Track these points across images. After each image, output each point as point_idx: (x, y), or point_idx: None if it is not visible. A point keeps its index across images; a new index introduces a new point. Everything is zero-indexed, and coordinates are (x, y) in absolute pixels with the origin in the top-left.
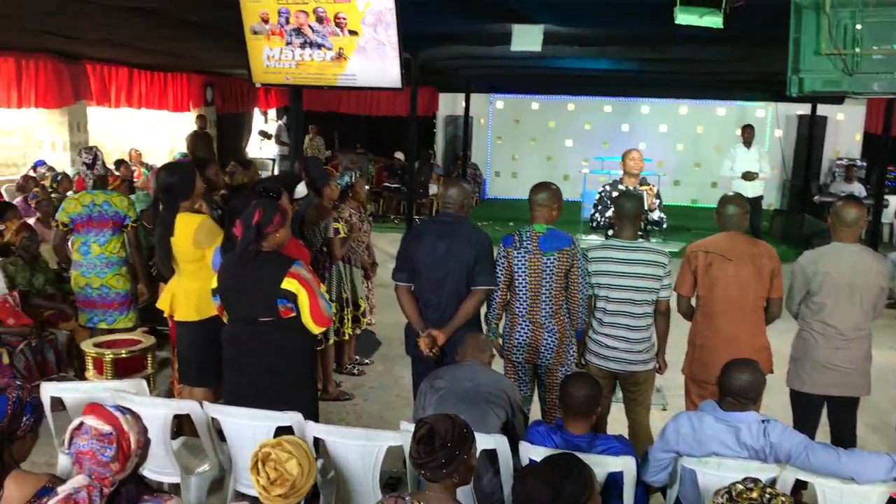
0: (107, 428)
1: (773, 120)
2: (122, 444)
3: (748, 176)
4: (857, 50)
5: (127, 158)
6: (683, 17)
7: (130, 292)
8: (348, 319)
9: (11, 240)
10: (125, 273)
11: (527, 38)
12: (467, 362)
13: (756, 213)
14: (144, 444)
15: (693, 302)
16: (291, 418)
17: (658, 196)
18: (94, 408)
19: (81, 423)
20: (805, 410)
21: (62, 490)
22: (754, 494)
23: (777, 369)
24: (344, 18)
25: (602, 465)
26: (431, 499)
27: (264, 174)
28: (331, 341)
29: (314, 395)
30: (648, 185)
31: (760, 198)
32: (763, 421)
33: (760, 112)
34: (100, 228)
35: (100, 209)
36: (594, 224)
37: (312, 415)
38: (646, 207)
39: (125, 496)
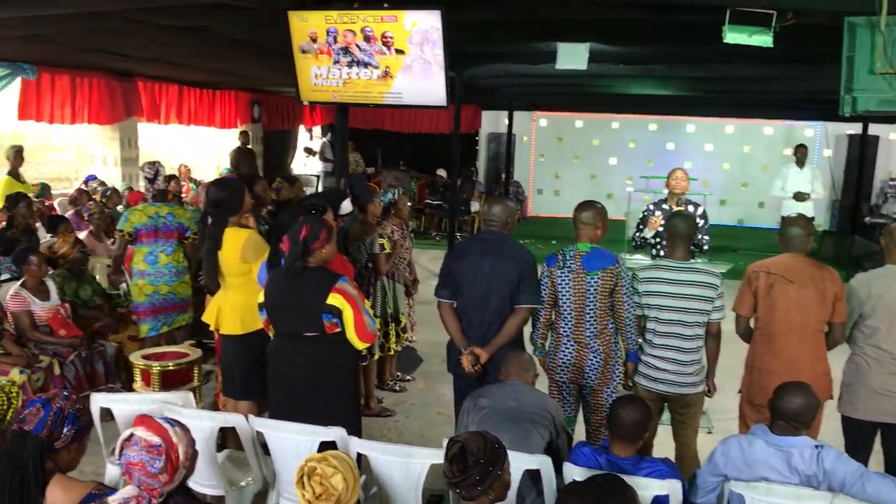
0: (156, 440)
1: (823, 139)
2: (171, 455)
3: (799, 196)
4: None
5: (176, 174)
6: (732, 37)
7: (190, 296)
8: (392, 335)
9: (67, 252)
10: (188, 280)
11: (572, 57)
12: (511, 381)
13: None
14: (192, 456)
15: (752, 324)
16: (335, 433)
17: (704, 216)
18: (145, 420)
19: (132, 435)
20: (858, 437)
21: (112, 499)
22: None
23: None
24: (391, 37)
25: (647, 487)
26: None
27: (309, 191)
28: (375, 357)
29: (357, 410)
30: (683, 206)
31: (812, 219)
32: (817, 447)
33: (809, 131)
34: (166, 239)
35: (164, 221)
36: (636, 243)
37: (356, 430)
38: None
39: None
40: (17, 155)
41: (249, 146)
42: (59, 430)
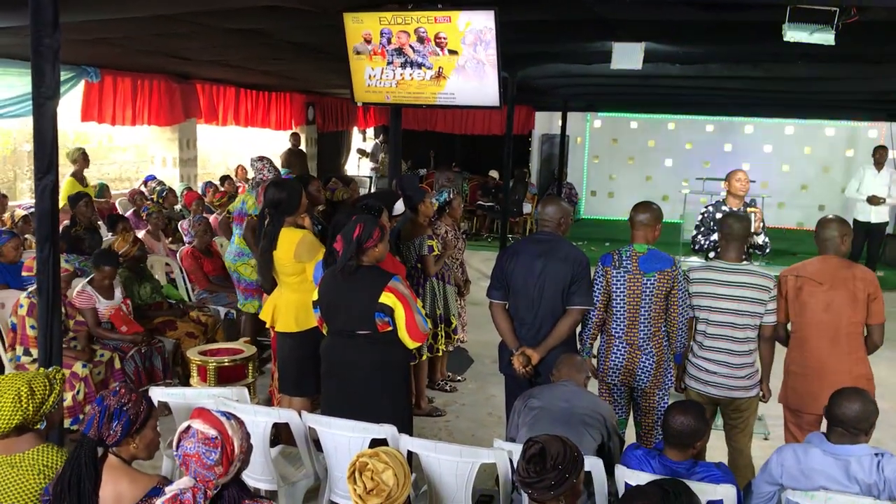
0: (212, 432)
1: (888, 140)
2: (226, 448)
3: (874, 200)
4: None
5: (233, 174)
6: (793, 35)
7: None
8: (441, 336)
9: (128, 251)
10: (253, 264)
11: (627, 57)
12: (563, 382)
13: (876, 240)
14: (247, 449)
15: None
16: (386, 431)
17: (762, 219)
18: (202, 412)
19: (189, 427)
20: None
21: (169, 490)
22: None
23: (887, 402)
24: (444, 38)
25: (701, 492)
26: None
27: (362, 192)
28: (424, 357)
29: (409, 409)
30: (755, 207)
31: (885, 224)
32: (877, 454)
33: (873, 132)
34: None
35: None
36: (696, 247)
37: (407, 429)
38: (752, 230)
39: (227, 499)
40: (83, 157)
41: (301, 148)
42: (106, 426)
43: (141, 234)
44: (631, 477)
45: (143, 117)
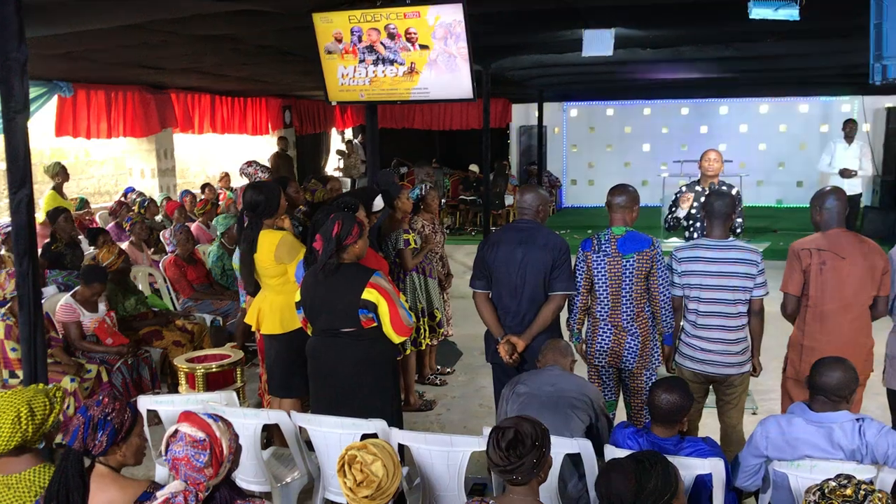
0: (200, 435)
1: (861, 114)
2: (215, 450)
3: (846, 173)
4: None
5: (216, 183)
6: (758, 12)
7: None
8: (425, 330)
9: (113, 263)
10: None
11: (598, 43)
12: (549, 367)
13: (854, 212)
14: (236, 450)
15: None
16: (376, 426)
17: (738, 199)
18: (188, 416)
19: (177, 431)
20: None
21: (160, 494)
22: (848, 491)
23: (874, 369)
24: (415, 33)
25: (689, 467)
26: (516, 502)
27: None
28: (407, 351)
29: (398, 403)
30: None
31: (859, 195)
32: (857, 419)
33: (846, 107)
34: None
35: None
36: (668, 225)
37: (397, 423)
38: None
39: (219, 501)
40: (63, 171)
41: (287, 151)
42: (91, 437)
43: (124, 245)
44: (619, 455)
45: (119, 129)
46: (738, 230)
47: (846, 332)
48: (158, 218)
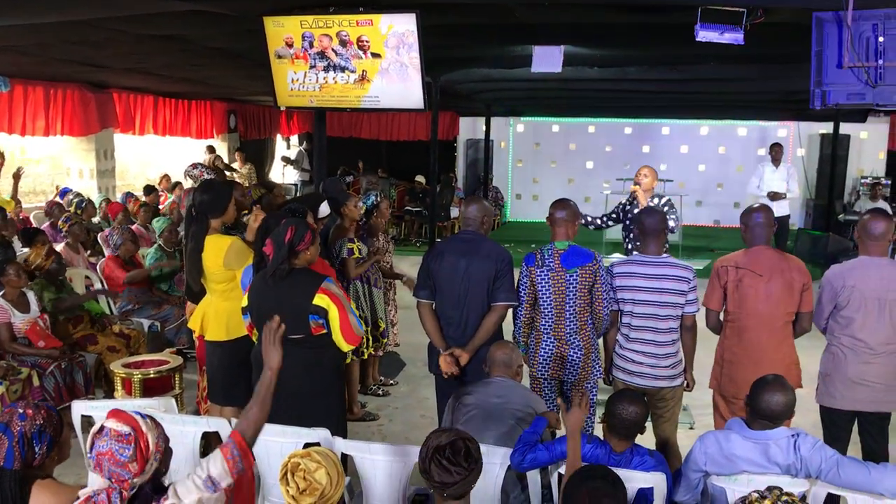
0: (125, 428)
1: (796, 139)
2: (140, 444)
3: (775, 196)
4: (881, 62)
5: (156, 184)
6: (705, 34)
7: None
8: (368, 339)
9: (42, 264)
10: None
11: (547, 60)
12: (497, 378)
13: (783, 233)
14: (165, 450)
15: (721, 317)
16: (319, 435)
17: (669, 204)
18: (116, 412)
19: (102, 427)
20: (836, 427)
21: (83, 493)
22: (767, 502)
23: (805, 386)
24: (367, 41)
25: (633, 479)
26: None
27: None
28: (348, 360)
29: (343, 413)
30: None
31: (787, 217)
32: (793, 435)
33: (783, 131)
34: None
35: None
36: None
37: (341, 432)
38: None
39: (143, 499)
40: None
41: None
42: (30, 452)
43: (59, 246)
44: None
45: (57, 128)
46: (674, 230)
47: (763, 346)
48: (96, 220)
